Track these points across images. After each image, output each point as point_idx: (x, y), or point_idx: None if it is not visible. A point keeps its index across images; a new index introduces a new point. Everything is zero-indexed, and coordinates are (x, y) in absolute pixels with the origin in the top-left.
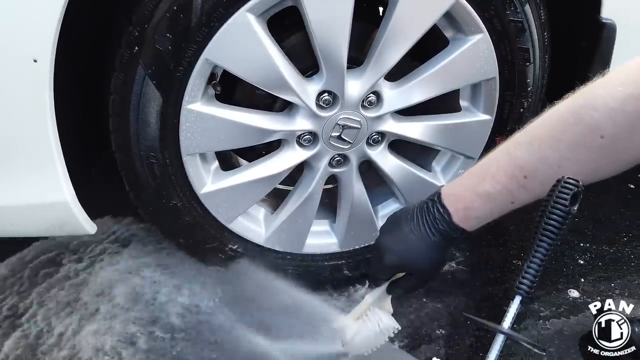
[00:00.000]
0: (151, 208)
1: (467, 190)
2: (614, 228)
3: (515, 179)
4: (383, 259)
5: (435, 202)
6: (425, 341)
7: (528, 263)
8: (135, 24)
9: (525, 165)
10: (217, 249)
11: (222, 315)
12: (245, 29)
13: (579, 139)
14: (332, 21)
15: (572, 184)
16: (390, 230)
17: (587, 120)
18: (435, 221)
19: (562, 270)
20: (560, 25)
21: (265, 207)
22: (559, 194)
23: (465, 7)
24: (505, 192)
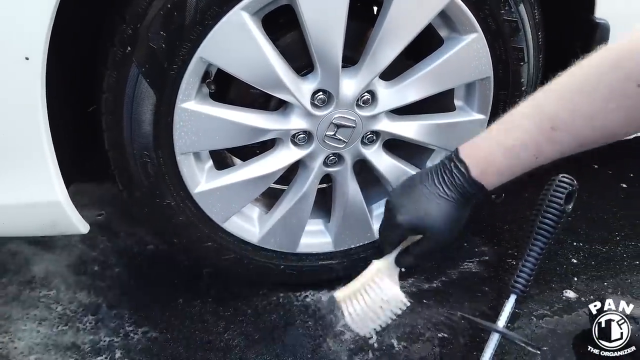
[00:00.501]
0: (144, 207)
1: (488, 142)
2: (607, 227)
3: (543, 130)
4: (394, 218)
5: (452, 158)
6: (419, 340)
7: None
8: (128, 22)
9: (555, 116)
10: (211, 249)
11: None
12: (239, 28)
13: (615, 86)
14: (327, 20)
15: (566, 182)
16: (403, 188)
17: (625, 66)
18: (452, 176)
19: (555, 270)
20: (555, 25)
21: (259, 207)
22: (554, 193)
23: (460, 7)
24: (530, 145)
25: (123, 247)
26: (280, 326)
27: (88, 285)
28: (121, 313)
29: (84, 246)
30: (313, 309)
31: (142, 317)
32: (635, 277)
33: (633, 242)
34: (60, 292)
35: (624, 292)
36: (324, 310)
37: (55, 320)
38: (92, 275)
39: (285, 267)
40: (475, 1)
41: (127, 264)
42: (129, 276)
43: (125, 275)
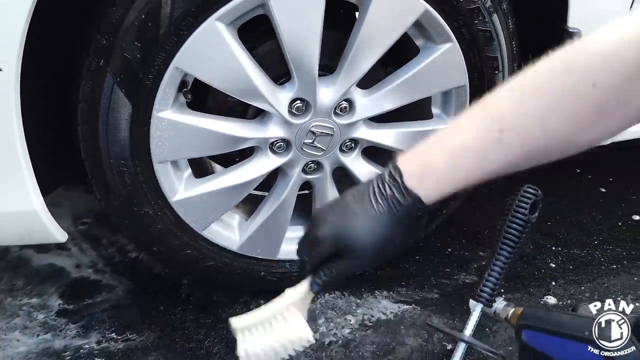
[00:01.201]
0: (122, 216)
1: (428, 146)
2: (585, 232)
3: (490, 131)
4: (314, 233)
5: (387, 166)
6: (390, 348)
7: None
8: (103, 32)
9: (504, 117)
10: (191, 256)
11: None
12: (214, 38)
13: (568, 87)
14: (302, 30)
15: (531, 193)
16: (332, 202)
17: (579, 66)
18: (383, 186)
19: (534, 274)
20: (529, 35)
21: (239, 214)
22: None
23: (435, 17)
24: (474, 147)
25: (105, 255)
26: None
27: (69, 293)
28: (102, 321)
29: (65, 254)
30: None
31: (122, 324)
32: (612, 281)
33: (611, 247)
34: (41, 300)
35: (600, 296)
36: None
37: (36, 328)
38: (73, 284)
39: (266, 274)
40: (449, 12)
41: (109, 271)
42: (110, 284)
43: (106, 283)
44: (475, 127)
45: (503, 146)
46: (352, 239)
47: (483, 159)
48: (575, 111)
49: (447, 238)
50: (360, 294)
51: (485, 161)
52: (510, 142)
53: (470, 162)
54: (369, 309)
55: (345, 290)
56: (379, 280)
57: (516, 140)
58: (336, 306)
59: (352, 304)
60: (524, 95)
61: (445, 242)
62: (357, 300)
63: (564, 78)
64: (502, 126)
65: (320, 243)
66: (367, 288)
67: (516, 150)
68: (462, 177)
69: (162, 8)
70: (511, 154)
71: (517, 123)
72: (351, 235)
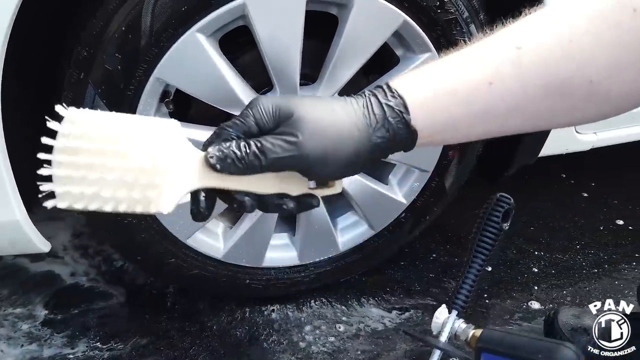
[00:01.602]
0: (105, 226)
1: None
2: (567, 236)
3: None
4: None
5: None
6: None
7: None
8: (83, 44)
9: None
10: (176, 265)
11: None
12: (195, 49)
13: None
14: (282, 40)
15: (504, 201)
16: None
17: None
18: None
19: (517, 279)
20: None
21: (224, 222)
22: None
23: (413, 27)
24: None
25: (91, 265)
26: (245, 341)
27: (54, 302)
28: (87, 330)
29: (50, 264)
30: (279, 323)
31: (108, 334)
32: (593, 285)
33: (592, 251)
34: (26, 310)
35: (582, 301)
36: (289, 325)
37: (20, 338)
38: (58, 293)
39: (251, 282)
40: (427, 22)
41: (94, 281)
42: (96, 293)
43: (91, 293)
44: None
45: (521, 68)
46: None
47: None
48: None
49: (432, 244)
50: (345, 300)
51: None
52: (529, 63)
53: (477, 78)
54: (355, 317)
55: (331, 297)
56: (364, 286)
57: (534, 57)
58: (322, 314)
59: (337, 311)
60: (546, 21)
61: (430, 248)
62: (342, 308)
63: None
64: (519, 43)
65: (274, 107)
66: (352, 295)
67: (534, 78)
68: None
69: (143, 20)
70: (525, 78)
71: (539, 40)
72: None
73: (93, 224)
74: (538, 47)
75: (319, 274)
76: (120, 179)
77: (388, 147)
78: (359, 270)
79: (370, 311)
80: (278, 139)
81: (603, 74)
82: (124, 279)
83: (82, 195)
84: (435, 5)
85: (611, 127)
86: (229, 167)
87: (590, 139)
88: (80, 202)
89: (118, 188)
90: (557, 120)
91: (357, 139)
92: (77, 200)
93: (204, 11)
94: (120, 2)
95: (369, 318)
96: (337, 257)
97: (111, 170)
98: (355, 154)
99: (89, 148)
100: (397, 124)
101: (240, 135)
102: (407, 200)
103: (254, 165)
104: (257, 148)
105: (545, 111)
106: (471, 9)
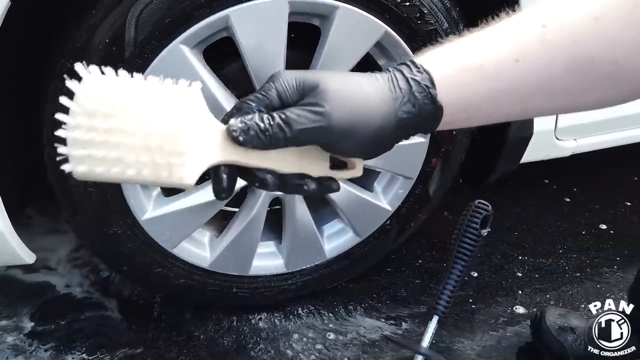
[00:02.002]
0: (91, 236)
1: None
2: (550, 241)
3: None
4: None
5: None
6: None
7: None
8: (68, 56)
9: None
10: (162, 275)
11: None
12: (179, 60)
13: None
14: (266, 51)
15: (482, 208)
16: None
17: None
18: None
19: (501, 284)
20: None
21: (210, 231)
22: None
23: (395, 38)
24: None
25: (76, 275)
26: (232, 350)
27: (39, 314)
28: (73, 341)
29: (34, 276)
30: (266, 332)
31: (94, 345)
32: (576, 289)
33: (575, 255)
34: (11, 322)
35: (565, 304)
36: (276, 333)
37: (5, 351)
38: (43, 305)
39: (238, 290)
40: (408, 33)
41: (80, 292)
42: (81, 304)
43: (77, 304)
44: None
45: (547, 45)
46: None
47: (520, 54)
48: (637, 20)
49: (418, 250)
50: (332, 308)
51: (524, 58)
52: (555, 41)
53: (509, 66)
54: (342, 324)
55: (318, 305)
56: (351, 293)
57: (561, 32)
58: (309, 322)
59: (324, 319)
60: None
61: (416, 254)
62: (330, 315)
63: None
64: (546, 21)
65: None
66: (339, 302)
67: (560, 56)
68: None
69: (126, 32)
70: (555, 61)
71: (565, 19)
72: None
73: (79, 234)
74: (563, 25)
75: (305, 281)
76: (144, 144)
77: (413, 124)
78: (346, 277)
79: (357, 319)
80: (303, 109)
81: (627, 54)
82: (111, 290)
83: (104, 159)
84: (416, 17)
85: (590, 134)
86: (252, 140)
87: (570, 146)
88: (101, 167)
89: (141, 152)
90: (579, 101)
91: (384, 112)
92: (97, 164)
93: (187, 23)
94: (104, 14)
95: (357, 325)
96: (324, 265)
97: (134, 134)
98: (381, 129)
99: (111, 111)
100: (424, 99)
101: (261, 108)
102: (392, 207)
103: (278, 137)
104: (282, 120)
105: (569, 90)
106: (450, 19)
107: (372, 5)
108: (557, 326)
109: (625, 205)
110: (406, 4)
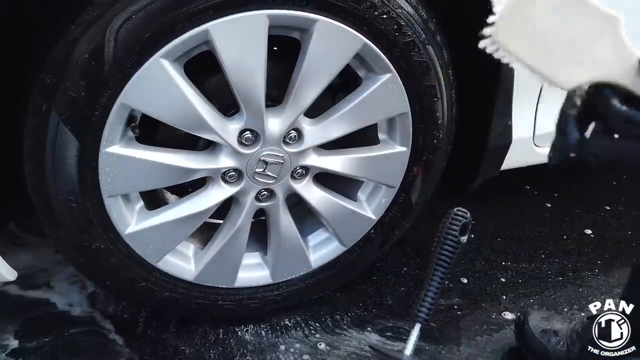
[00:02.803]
0: (73, 252)
1: None
2: (533, 246)
3: None
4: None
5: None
6: None
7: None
8: (47, 71)
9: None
10: (146, 289)
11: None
12: (159, 74)
13: None
14: (246, 64)
15: (460, 216)
16: None
17: None
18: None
19: (485, 289)
20: (466, 64)
21: (194, 243)
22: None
23: (374, 50)
24: None
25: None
26: None
27: (23, 331)
28: (57, 358)
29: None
30: (252, 344)
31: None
32: (559, 293)
33: (557, 259)
34: None
35: (548, 308)
36: (263, 345)
37: None
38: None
39: (224, 303)
40: (387, 45)
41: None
42: (66, 321)
43: (62, 320)
44: None
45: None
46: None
47: None
48: None
49: (402, 257)
50: (319, 318)
51: None
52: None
53: None
54: (329, 334)
55: (305, 315)
56: (337, 302)
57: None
58: (296, 333)
59: (311, 329)
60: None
61: (401, 262)
62: (316, 325)
63: None
64: None
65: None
66: (325, 312)
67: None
68: None
69: (106, 47)
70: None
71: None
72: None
73: (62, 250)
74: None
75: (292, 292)
76: (571, 40)
77: None
78: (332, 287)
79: (344, 328)
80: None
81: None
82: (96, 305)
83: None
84: (393, 29)
85: None
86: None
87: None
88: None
89: (567, 47)
90: None
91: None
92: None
93: (167, 38)
94: (83, 29)
95: (343, 335)
96: (310, 274)
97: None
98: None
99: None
100: None
101: None
102: (376, 216)
103: None
104: None
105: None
106: (428, 31)
107: (350, 18)
108: (540, 329)
109: (605, 209)
110: (383, 16)
